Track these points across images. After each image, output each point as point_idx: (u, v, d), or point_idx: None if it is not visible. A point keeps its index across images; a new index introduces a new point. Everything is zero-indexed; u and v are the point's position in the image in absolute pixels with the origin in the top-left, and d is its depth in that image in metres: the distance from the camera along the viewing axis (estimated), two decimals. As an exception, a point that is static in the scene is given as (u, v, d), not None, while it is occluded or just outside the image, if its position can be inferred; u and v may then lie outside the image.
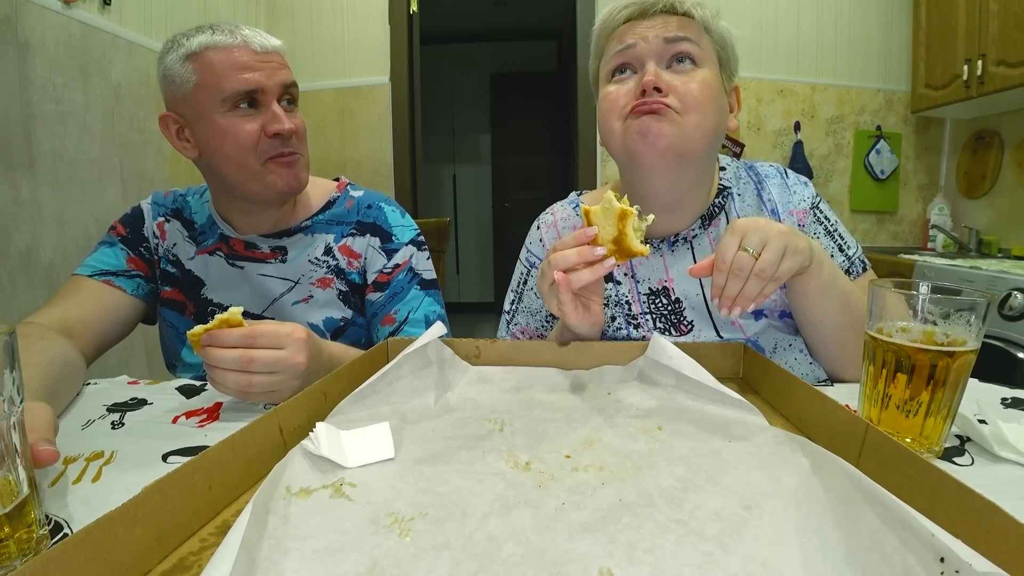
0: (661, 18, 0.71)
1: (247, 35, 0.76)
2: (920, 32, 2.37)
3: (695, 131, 0.68)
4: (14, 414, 0.34)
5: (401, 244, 0.91)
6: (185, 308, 0.88)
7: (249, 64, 0.75)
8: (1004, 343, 1.59)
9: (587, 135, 2.56)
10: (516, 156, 4.85)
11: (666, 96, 0.68)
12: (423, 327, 0.86)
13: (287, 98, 0.80)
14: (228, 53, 0.75)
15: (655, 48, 0.70)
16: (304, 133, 0.83)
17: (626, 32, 0.72)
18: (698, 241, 0.79)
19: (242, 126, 0.75)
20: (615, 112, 0.71)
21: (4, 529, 0.33)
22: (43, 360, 0.60)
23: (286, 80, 0.79)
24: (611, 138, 0.73)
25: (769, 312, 0.76)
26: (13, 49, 1.37)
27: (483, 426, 0.55)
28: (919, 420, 0.48)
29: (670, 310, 0.77)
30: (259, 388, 0.58)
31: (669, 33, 0.69)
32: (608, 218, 0.60)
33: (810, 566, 0.33)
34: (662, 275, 0.78)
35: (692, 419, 0.56)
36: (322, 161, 2.60)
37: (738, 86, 0.77)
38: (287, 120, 0.77)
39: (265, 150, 0.77)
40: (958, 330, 0.47)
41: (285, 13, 2.58)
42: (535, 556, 0.34)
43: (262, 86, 0.76)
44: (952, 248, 2.40)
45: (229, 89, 0.74)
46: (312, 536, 0.36)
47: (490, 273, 5.11)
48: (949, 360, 0.46)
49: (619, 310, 0.79)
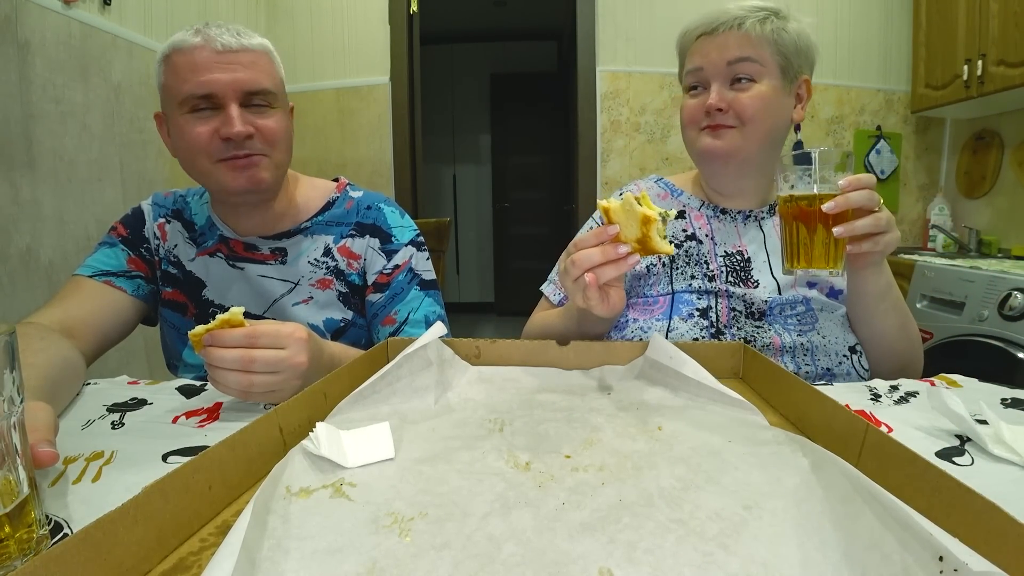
0: (726, 35, 0.81)
1: (213, 35, 0.74)
2: (920, 32, 2.37)
3: (750, 139, 0.81)
4: (14, 414, 0.34)
5: (401, 245, 0.91)
6: (186, 309, 0.88)
7: (207, 66, 0.74)
8: (1004, 343, 1.59)
9: (587, 135, 2.56)
10: (516, 156, 4.85)
11: (727, 113, 0.81)
12: (423, 327, 0.86)
13: (255, 102, 0.77)
14: (188, 55, 0.74)
15: (719, 71, 0.81)
16: (275, 135, 0.79)
17: (697, 51, 0.84)
18: (765, 222, 0.91)
19: (195, 128, 0.75)
20: (692, 123, 0.86)
21: (4, 529, 0.33)
22: (43, 360, 0.60)
23: (245, 83, 0.75)
24: (687, 142, 0.89)
25: (820, 289, 0.86)
26: (13, 49, 1.37)
27: (483, 426, 0.55)
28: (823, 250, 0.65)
29: (742, 267, 0.88)
30: (260, 388, 0.58)
31: (731, 55, 0.80)
32: (630, 218, 0.60)
33: (810, 566, 0.33)
34: (736, 240, 0.90)
35: (692, 419, 0.56)
36: (322, 161, 2.60)
37: (807, 78, 0.86)
38: (238, 123, 0.74)
39: (215, 152, 0.76)
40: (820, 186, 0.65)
41: (285, 13, 2.58)
42: (535, 556, 0.34)
43: (214, 89, 0.74)
44: (952, 248, 2.40)
45: (184, 92, 0.74)
46: (312, 536, 0.36)
47: (490, 273, 5.11)
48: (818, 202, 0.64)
49: (698, 268, 0.88)
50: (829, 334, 0.82)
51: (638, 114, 2.53)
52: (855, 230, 0.64)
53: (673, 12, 2.44)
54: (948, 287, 1.81)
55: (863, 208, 0.64)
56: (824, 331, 0.82)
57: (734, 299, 0.85)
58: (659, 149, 2.56)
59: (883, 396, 0.64)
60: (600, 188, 2.57)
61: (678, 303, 0.85)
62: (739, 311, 0.84)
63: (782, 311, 0.84)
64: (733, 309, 0.84)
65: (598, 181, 2.56)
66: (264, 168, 0.79)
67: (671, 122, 2.53)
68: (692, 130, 0.86)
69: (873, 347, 0.83)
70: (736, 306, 0.84)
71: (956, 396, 0.52)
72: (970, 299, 1.72)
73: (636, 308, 0.88)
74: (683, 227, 0.91)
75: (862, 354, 0.83)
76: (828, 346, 0.81)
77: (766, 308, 0.84)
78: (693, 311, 0.84)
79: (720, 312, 0.84)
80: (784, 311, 0.84)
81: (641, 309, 0.87)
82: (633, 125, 2.54)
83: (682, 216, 0.92)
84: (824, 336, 0.81)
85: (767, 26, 0.80)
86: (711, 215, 0.91)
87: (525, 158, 4.83)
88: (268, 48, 0.81)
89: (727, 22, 0.81)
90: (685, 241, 0.89)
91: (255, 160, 0.78)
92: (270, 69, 0.80)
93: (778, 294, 0.85)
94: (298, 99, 2.69)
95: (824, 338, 0.81)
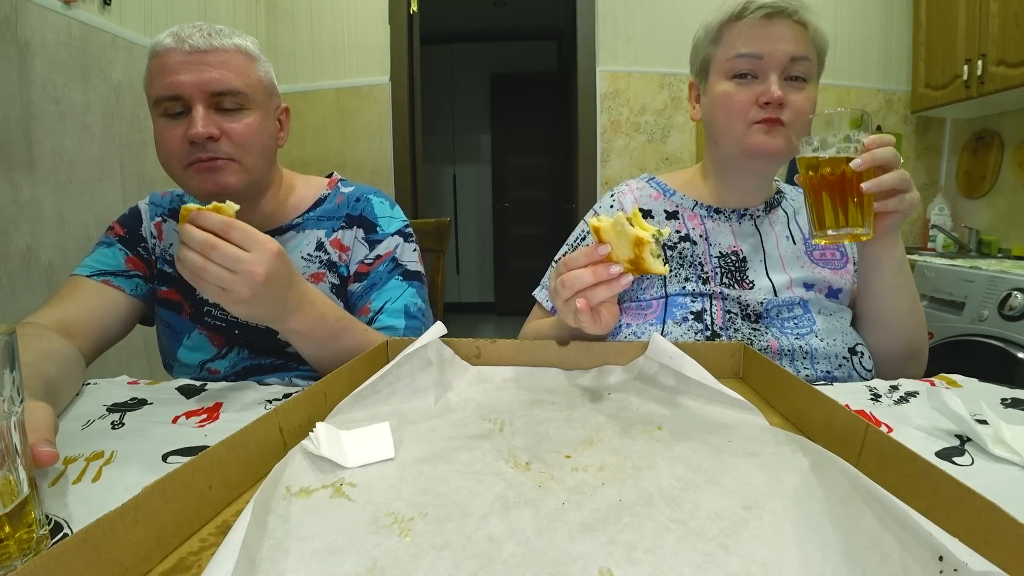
0: (786, 25, 0.77)
1: (184, 35, 0.74)
2: (920, 32, 2.37)
3: (793, 141, 0.77)
4: (14, 414, 0.34)
5: (386, 235, 0.90)
6: (182, 308, 0.88)
7: (175, 67, 0.73)
8: (1004, 343, 1.59)
9: (587, 135, 2.56)
10: (516, 156, 4.85)
11: (783, 110, 0.77)
12: (402, 317, 0.84)
13: (224, 104, 0.75)
14: (161, 57, 0.74)
15: (780, 64, 0.77)
16: (244, 138, 0.76)
17: (752, 35, 0.78)
18: (760, 220, 0.89)
19: (166, 131, 0.74)
20: (740, 115, 0.79)
21: (4, 529, 0.33)
22: (42, 360, 0.60)
23: (212, 83, 0.73)
24: (729, 136, 0.81)
25: (818, 290, 0.85)
26: (13, 49, 1.37)
27: (483, 426, 0.55)
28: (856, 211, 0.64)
29: (737, 267, 0.86)
30: (211, 279, 0.58)
31: (795, 51, 0.76)
32: (621, 238, 0.57)
33: (810, 566, 0.33)
34: (731, 240, 0.88)
35: (692, 419, 0.56)
36: (322, 161, 2.60)
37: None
38: (199, 124, 0.72)
39: (184, 156, 0.75)
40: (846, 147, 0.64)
41: (285, 14, 2.58)
42: (535, 556, 0.34)
43: (179, 90, 0.72)
44: (952, 248, 2.39)
45: (155, 94, 0.74)
46: (312, 536, 0.36)
47: (490, 273, 5.11)
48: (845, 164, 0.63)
49: (692, 270, 0.86)
50: (827, 336, 0.80)
51: (638, 114, 2.53)
52: (883, 184, 0.63)
53: (673, 12, 2.44)
54: (948, 287, 1.81)
55: (887, 165, 0.64)
56: (822, 333, 0.80)
57: (729, 301, 0.83)
58: (659, 149, 2.56)
59: (883, 396, 0.64)
60: (600, 188, 2.57)
61: (672, 306, 0.83)
62: (734, 313, 0.82)
63: (779, 313, 0.83)
64: (728, 311, 0.83)
65: (598, 181, 2.56)
66: (231, 173, 0.76)
67: (671, 122, 2.54)
68: (739, 122, 0.79)
69: (884, 328, 0.81)
70: (731, 308, 0.83)
71: (956, 396, 0.52)
72: (970, 299, 1.72)
73: (629, 313, 0.86)
74: (676, 227, 0.89)
75: (863, 355, 0.81)
76: (827, 349, 0.79)
77: (762, 310, 0.83)
78: (687, 314, 0.82)
79: (715, 315, 0.82)
80: (781, 313, 0.83)
81: (634, 314, 0.85)
82: (633, 125, 2.54)
83: (675, 217, 0.90)
84: (822, 339, 0.80)
85: (819, 26, 0.78)
86: (704, 215, 0.89)
87: (525, 158, 4.84)
88: (245, 48, 0.78)
89: (790, 8, 0.76)
90: (679, 242, 0.88)
91: (220, 164, 0.75)
92: (244, 70, 0.77)
93: (774, 295, 0.84)
94: (298, 99, 2.71)
95: (823, 341, 0.80)
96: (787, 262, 0.86)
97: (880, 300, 0.79)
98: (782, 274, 0.85)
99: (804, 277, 0.85)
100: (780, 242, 0.88)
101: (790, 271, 0.86)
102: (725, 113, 0.81)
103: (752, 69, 0.78)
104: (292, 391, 0.66)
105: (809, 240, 0.88)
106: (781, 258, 0.87)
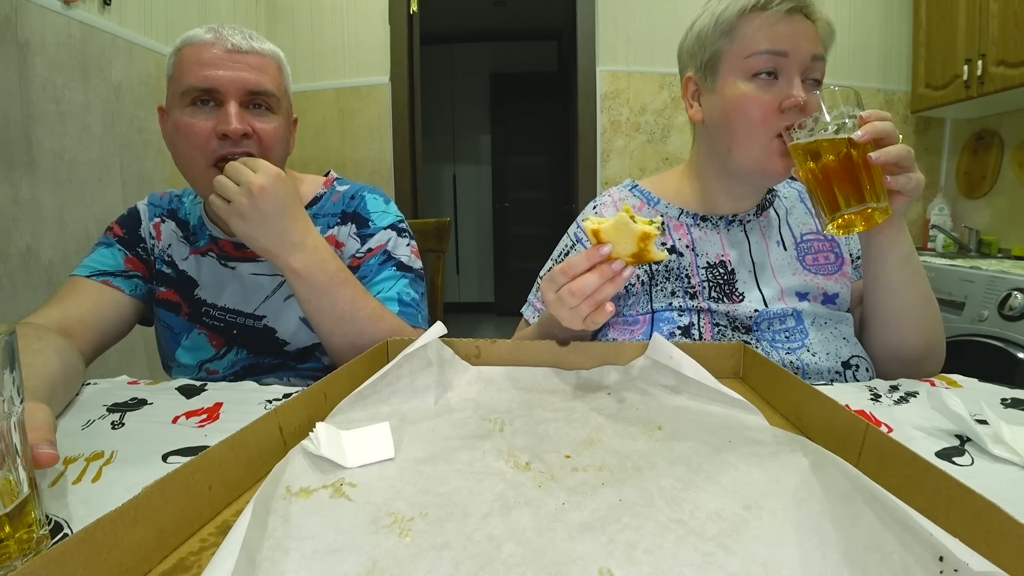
0: (807, 23, 0.72)
1: (226, 34, 0.75)
2: (920, 32, 2.37)
3: None
4: (14, 414, 0.34)
5: (378, 229, 0.89)
6: (180, 309, 0.88)
7: (213, 62, 0.74)
8: (1004, 343, 1.59)
9: (587, 135, 2.56)
10: (516, 156, 4.85)
11: (802, 116, 0.70)
12: (395, 304, 0.84)
13: (256, 102, 0.77)
14: (198, 49, 0.75)
15: (803, 63, 0.71)
16: (271, 140, 0.78)
17: (776, 31, 0.71)
18: (750, 225, 0.86)
19: (196, 123, 0.75)
20: (761, 124, 0.72)
21: (4, 529, 0.33)
22: (41, 360, 0.60)
23: (250, 83, 0.76)
24: (746, 147, 0.74)
25: (813, 298, 0.82)
26: (13, 49, 1.37)
27: (483, 426, 0.55)
28: (869, 185, 0.62)
29: (725, 280, 0.83)
30: (219, 188, 0.71)
31: (816, 50, 0.72)
32: (624, 236, 0.58)
33: (810, 566, 0.33)
34: (719, 250, 0.84)
35: (692, 419, 0.56)
36: (322, 161, 2.60)
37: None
38: (235, 120, 0.74)
39: (214, 150, 0.75)
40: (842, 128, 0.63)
41: (285, 14, 2.58)
42: (535, 556, 0.34)
43: (218, 84, 0.74)
44: (952, 248, 2.39)
45: (187, 83, 0.74)
46: (312, 536, 0.36)
47: (490, 273, 5.11)
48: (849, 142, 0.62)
49: (679, 283, 0.83)
50: (820, 350, 0.78)
51: (638, 114, 2.53)
52: (889, 155, 0.61)
53: (673, 12, 2.44)
54: (948, 287, 1.81)
55: (888, 139, 0.62)
56: (815, 347, 0.78)
57: (717, 315, 0.80)
58: (659, 149, 2.56)
59: (883, 396, 0.64)
60: (600, 188, 2.57)
61: (658, 322, 0.81)
62: (723, 326, 0.80)
63: (770, 325, 0.80)
64: (717, 324, 0.80)
65: (598, 181, 2.56)
66: None
67: (671, 122, 2.53)
68: (761, 133, 0.72)
69: (897, 325, 0.76)
70: (720, 321, 0.80)
71: (956, 396, 0.52)
72: (970, 299, 1.73)
73: (616, 328, 0.84)
74: (662, 240, 0.84)
75: (857, 368, 0.78)
76: (819, 364, 0.77)
77: (751, 323, 0.79)
78: (674, 329, 0.80)
79: (703, 329, 0.80)
80: (772, 325, 0.80)
81: (620, 329, 0.83)
82: (633, 125, 2.54)
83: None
84: (815, 353, 0.77)
85: (828, 23, 0.75)
86: (691, 223, 0.85)
87: (525, 158, 4.84)
88: (278, 56, 0.81)
89: (813, 5, 0.72)
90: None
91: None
92: (276, 75, 0.80)
93: (764, 306, 0.80)
94: (298, 99, 2.69)
95: (815, 355, 0.77)
96: (778, 271, 0.83)
97: (890, 296, 0.74)
98: (773, 284, 0.82)
99: (797, 286, 0.82)
100: (771, 249, 0.84)
101: (781, 280, 0.82)
102: (745, 119, 0.73)
103: (776, 68, 0.71)
104: (292, 391, 0.66)
105: (801, 245, 0.85)
106: (772, 267, 0.83)
